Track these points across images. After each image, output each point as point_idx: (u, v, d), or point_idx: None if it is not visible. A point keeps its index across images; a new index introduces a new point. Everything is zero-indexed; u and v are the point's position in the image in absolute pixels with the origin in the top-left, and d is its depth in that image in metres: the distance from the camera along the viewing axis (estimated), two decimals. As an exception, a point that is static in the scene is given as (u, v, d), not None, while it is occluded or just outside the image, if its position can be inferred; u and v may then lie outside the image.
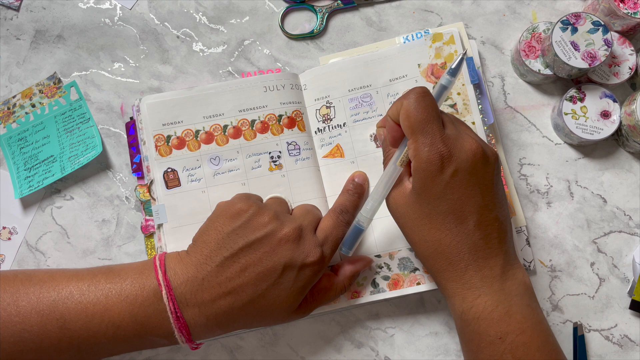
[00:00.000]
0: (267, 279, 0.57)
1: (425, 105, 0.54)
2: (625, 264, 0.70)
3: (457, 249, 0.55)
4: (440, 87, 0.58)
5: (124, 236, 0.70)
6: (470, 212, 0.54)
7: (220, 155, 0.67)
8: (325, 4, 0.75)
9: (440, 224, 0.55)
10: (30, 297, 0.55)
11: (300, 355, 0.68)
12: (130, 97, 0.73)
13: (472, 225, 0.54)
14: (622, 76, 0.70)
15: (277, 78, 0.69)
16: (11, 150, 0.71)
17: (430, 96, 0.55)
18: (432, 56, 0.69)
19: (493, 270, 0.55)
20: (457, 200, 0.54)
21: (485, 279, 0.54)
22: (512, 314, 0.54)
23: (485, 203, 0.55)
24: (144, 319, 0.56)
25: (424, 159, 0.54)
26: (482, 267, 0.55)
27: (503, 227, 0.56)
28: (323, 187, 0.68)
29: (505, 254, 0.56)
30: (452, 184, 0.54)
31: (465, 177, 0.54)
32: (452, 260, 0.55)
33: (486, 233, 0.55)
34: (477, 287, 0.55)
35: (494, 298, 0.54)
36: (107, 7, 0.74)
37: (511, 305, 0.54)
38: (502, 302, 0.54)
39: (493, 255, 0.55)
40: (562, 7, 0.75)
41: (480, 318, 0.54)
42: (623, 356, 0.68)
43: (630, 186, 0.71)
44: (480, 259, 0.55)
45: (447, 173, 0.54)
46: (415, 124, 0.54)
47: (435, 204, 0.55)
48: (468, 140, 0.55)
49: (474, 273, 0.55)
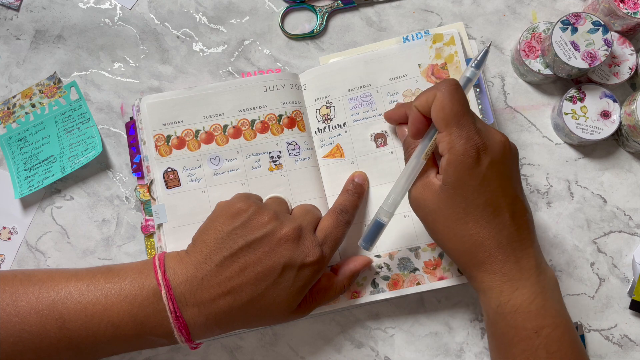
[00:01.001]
0: (267, 279, 0.57)
1: (459, 97, 0.54)
2: (625, 264, 0.70)
3: (496, 240, 0.54)
4: (466, 80, 0.58)
5: (124, 236, 0.70)
6: (506, 203, 0.54)
7: (220, 155, 0.67)
8: (325, 4, 0.75)
9: (478, 218, 0.54)
10: (29, 297, 0.55)
11: (300, 355, 0.68)
12: (130, 97, 0.73)
13: (508, 216, 0.54)
14: (622, 76, 0.70)
15: (277, 78, 0.69)
16: (11, 150, 0.71)
17: (462, 89, 0.55)
18: (432, 56, 0.69)
19: (529, 262, 0.54)
20: (493, 192, 0.54)
21: (523, 271, 0.54)
22: (547, 308, 0.53)
23: (516, 194, 0.55)
24: (144, 319, 0.56)
25: (461, 151, 0.53)
26: (520, 259, 0.54)
27: (532, 217, 0.57)
28: (323, 187, 0.68)
29: (537, 246, 0.56)
30: (488, 176, 0.54)
31: (499, 168, 0.54)
32: (492, 253, 0.55)
33: (520, 224, 0.55)
34: (516, 280, 0.54)
35: (532, 290, 0.54)
36: (107, 7, 0.74)
37: (547, 299, 0.54)
38: (539, 295, 0.53)
39: (528, 247, 0.55)
40: (562, 7, 0.75)
41: (517, 311, 0.53)
42: (623, 356, 0.68)
43: (630, 186, 0.71)
44: (517, 251, 0.54)
45: (484, 165, 0.53)
46: (450, 116, 0.54)
47: (472, 197, 0.54)
48: (497, 133, 0.55)
49: (513, 265, 0.54)
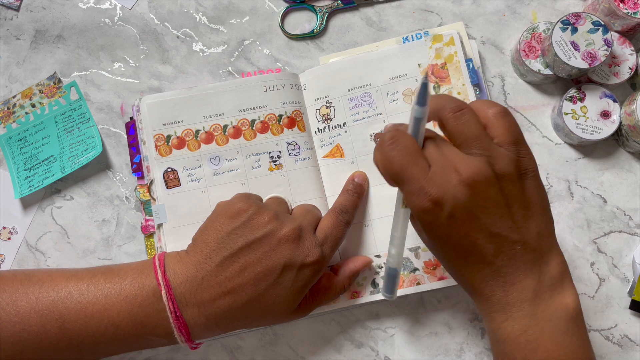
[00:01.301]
0: (267, 279, 0.57)
1: (399, 151, 0.50)
2: (625, 264, 0.70)
3: (479, 278, 0.51)
4: (415, 121, 0.51)
5: (124, 236, 0.70)
6: (484, 242, 0.50)
7: (220, 155, 0.67)
8: (325, 4, 0.75)
9: (456, 259, 0.52)
10: (29, 297, 0.55)
11: (300, 355, 0.68)
12: (130, 97, 0.73)
13: (490, 253, 0.50)
14: (622, 76, 0.70)
15: (277, 78, 0.69)
16: (11, 150, 0.71)
17: (403, 137, 0.51)
18: (432, 56, 0.69)
19: (522, 293, 0.50)
20: (462, 238, 0.50)
21: (514, 303, 0.50)
22: (541, 341, 0.50)
23: (499, 230, 0.50)
24: (144, 319, 0.56)
25: (416, 208, 0.50)
26: (510, 292, 0.50)
27: (532, 247, 0.51)
28: (323, 187, 0.68)
29: (540, 276, 0.51)
30: (452, 226, 0.49)
31: (464, 213, 0.49)
32: (477, 288, 0.52)
33: (511, 256, 0.50)
34: (505, 311, 0.51)
35: (523, 323, 0.50)
36: (107, 7, 0.74)
37: (542, 331, 0.50)
38: (532, 327, 0.50)
39: (522, 279, 0.50)
40: (562, 7, 0.75)
41: (507, 340, 0.51)
42: (623, 356, 0.68)
43: (630, 186, 0.71)
44: (507, 284, 0.50)
45: (443, 217, 0.49)
46: (394, 175, 0.50)
47: (444, 245, 0.52)
48: (457, 169, 0.49)
49: (501, 297, 0.51)
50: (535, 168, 0.51)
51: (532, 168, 0.51)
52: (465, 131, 0.50)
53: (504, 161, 0.50)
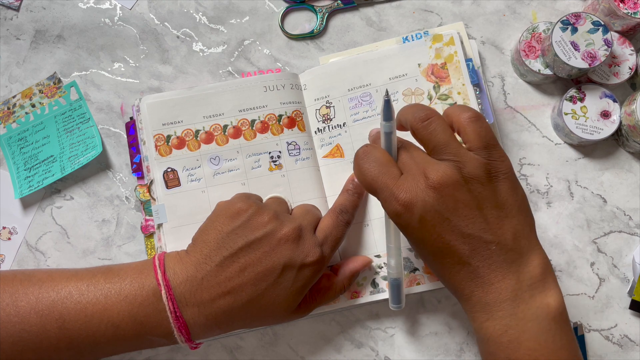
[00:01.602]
0: (267, 279, 0.57)
1: (371, 163, 0.55)
2: (625, 264, 0.70)
3: (459, 279, 0.53)
4: (385, 135, 0.56)
5: (124, 236, 0.70)
6: (458, 243, 0.52)
7: (220, 155, 0.67)
8: (325, 4, 0.75)
9: (432, 262, 0.54)
10: (29, 297, 0.55)
11: (300, 355, 0.68)
12: (130, 97, 0.73)
13: (466, 254, 0.52)
14: (622, 76, 0.70)
15: (277, 78, 0.69)
16: (11, 150, 0.71)
17: (374, 150, 0.55)
18: (432, 56, 0.69)
19: (501, 293, 0.51)
20: (437, 240, 0.52)
21: (494, 303, 0.51)
22: (522, 340, 0.50)
23: (471, 231, 0.51)
24: (143, 319, 0.56)
25: (391, 214, 0.53)
26: (489, 292, 0.52)
27: (509, 247, 0.52)
28: (323, 187, 0.68)
29: (519, 275, 0.51)
30: (425, 228, 0.52)
31: (434, 215, 0.51)
32: (457, 288, 0.53)
33: (486, 257, 0.51)
34: (485, 311, 0.52)
35: (503, 322, 0.51)
36: (107, 7, 0.74)
37: (524, 331, 0.50)
38: (513, 327, 0.51)
39: (500, 279, 0.51)
40: (562, 7, 0.75)
41: (490, 340, 0.52)
42: (623, 356, 0.68)
43: (630, 186, 0.71)
44: (485, 284, 0.52)
45: (415, 220, 0.52)
46: (368, 186, 0.55)
47: (422, 247, 0.53)
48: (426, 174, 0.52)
49: (481, 297, 0.52)
50: (509, 170, 0.53)
51: (505, 170, 0.53)
52: (433, 138, 0.53)
53: (472, 164, 0.52)
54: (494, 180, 0.52)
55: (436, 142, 0.53)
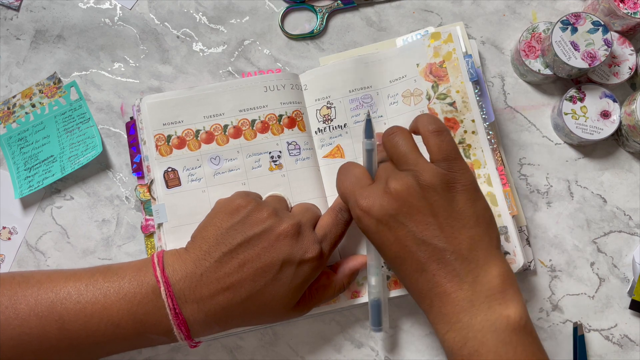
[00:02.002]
0: (266, 275, 0.57)
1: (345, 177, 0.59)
2: (625, 264, 0.70)
3: (419, 287, 0.54)
4: (366, 152, 0.60)
5: (124, 236, 0.70)
6: (415, 248, 0.53)
7: (220, 155, 0.67)
8: (325, 4, 0.75)
9: (395, 269, 0.56)
10: (28, 299, 0.55)
11: (300, 355, 0.68)
12: (130, 97, 0.73)
13: (423, 260, 0.53)
14: (622, 76, 0.70)
15: (278, 78, 0.69)
16: (11, 150, 0.71)
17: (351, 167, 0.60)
18: (430, 55, 0.68)
19: (458, 304, 0.52)
20: (394, 244, 0.54)
21: (452, 314, 0.52)
22: (482, 352, 0.50)
23: (425, 237, 0.53)
24: (143, 317, 0.56)
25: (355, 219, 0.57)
26: (445, 303, 0.52)
27: (464, 256, 0.53)
28: (323, 187, 0.68)
29: (475, 286, 0.52)
30: (382, 232, 0.55)
31: (390, 220, 0.54)
32: (418, 297, 0.55)
33: (442, 264, 0.52)
34: (445, 322, 0.52)
35: (462, 334, 0.51)
36: (107, 7, 0.74)
37: (482, 343, 0.50)
38: (472, 339, 0.51)
39: (456, 289, 0.52)
40: (562, 7, 0.75)
41: (452, 352, 0.52)
42: (623, 356, 0.68)
43: (630, 186, 0.71)
44: (443, 295, 0.52)
45: (373, 223, 0.55)
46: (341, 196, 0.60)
47: (385, 252, 0.56)
48: (387, 183, 0.55)
49: (440, 307, 0.53)
50: (469, 183, 0.55)
51: (464, 182, 0.54)
52: (395, 151, 0.57)
53: (429, 174, 0.54)
54: (451, 190, 0.54)
55: (398, 154, 0.57)
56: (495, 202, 0.66)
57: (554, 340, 0.68)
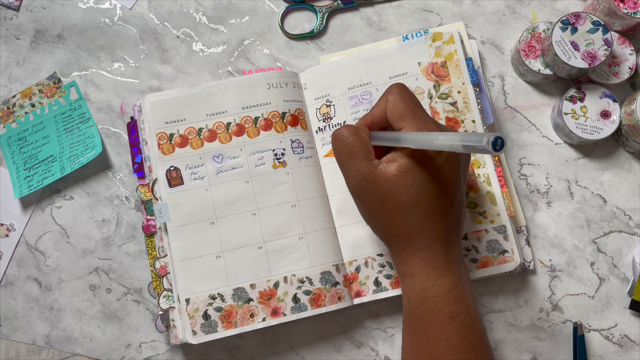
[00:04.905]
0: None
1: (410, 95, 0.57)
2: (625, 264, 0.70)
3: (435, 230, 0.55)
4: None
5: (123, 236, 0.70)
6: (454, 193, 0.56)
7: (223, 153, 0.67)
8: (325, 4, 0.75)
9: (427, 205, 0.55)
10: None
11: (300, 355, 0.68)
12: (130, 97, 0.73)
13: (451, 207, 0.56)
14: (622, 76, 0.70)
15: (280, 75, 0.69)
16: (11, 150, 0.71)
17: (408, 89, 0.57)
18: (432, 55, 0.69)
19: (455, 254, 0.57)
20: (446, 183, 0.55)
21: (450, 261, 0.56)
22: (464, 297, 0.56)
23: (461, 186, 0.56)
24: None
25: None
26: (449, 251, 0.56)
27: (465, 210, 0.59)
28: (324, 186, 0.68)
29: (461, 240, 0.58)
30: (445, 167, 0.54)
31: (454, 161, 0.55)
32: (429, 241, 0.56)
33: (456, 217, 0.56)
34: (442, 268, 0.56)
35: (453, 280, 0.56)
36: (107, 7, 0.74)
37: (464, 289, 0.56)
38: (458, 285, 0.56)
39: (457, 240, 0.57)
40: (562, 7, 0.75)
41: (439, 296, 0.55)
42: (623, 356, 0.68)
43: (630, 186, 0.71)
44: (449, 243, 0.56)
45: (443, 155, 0.54)
46: (405, 111, 0.56)
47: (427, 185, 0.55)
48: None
49: (443, 255, 0.56)
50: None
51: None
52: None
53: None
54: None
55: None
56: (494, 202, 0.66)
57: (554, 340, 0.68)
